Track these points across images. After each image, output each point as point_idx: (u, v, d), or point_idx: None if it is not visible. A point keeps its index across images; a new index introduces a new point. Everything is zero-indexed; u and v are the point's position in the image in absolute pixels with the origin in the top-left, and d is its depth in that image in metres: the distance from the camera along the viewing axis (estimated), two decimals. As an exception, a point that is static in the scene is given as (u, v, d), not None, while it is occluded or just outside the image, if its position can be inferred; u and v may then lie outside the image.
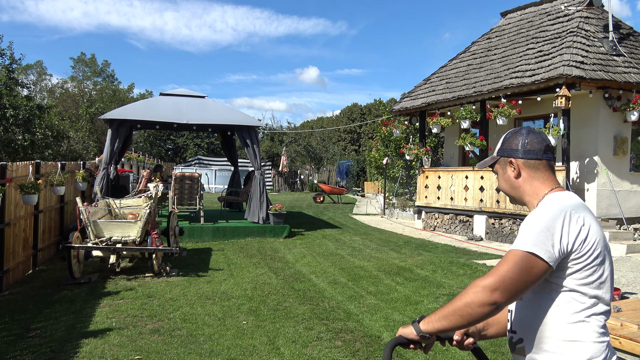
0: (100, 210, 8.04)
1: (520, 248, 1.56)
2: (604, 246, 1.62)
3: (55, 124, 20.97)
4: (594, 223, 1.63)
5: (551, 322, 1.61)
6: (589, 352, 1.58)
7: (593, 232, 1.60)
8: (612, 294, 1.66)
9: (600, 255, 1.60)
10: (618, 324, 4.83)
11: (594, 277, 1.59)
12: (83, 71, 37.59)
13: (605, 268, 1.62)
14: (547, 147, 1.78)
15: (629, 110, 10.14)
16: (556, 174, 1.75)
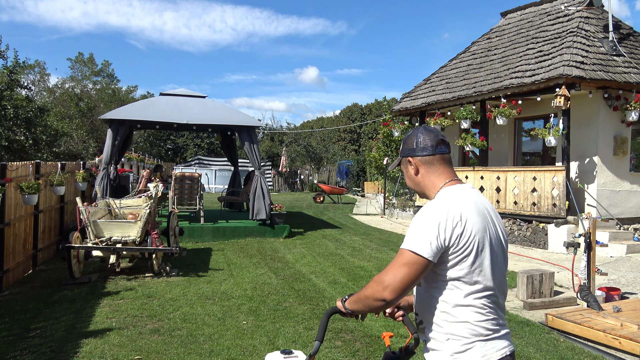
0: (100, 210, 8.04)
1: (405, 247, 1.77)
2: (482, 237, 1.78)
3: (54, 124, 20.97)
4: (472, 217, 1.78)
5: (440, 307, 1.82)
6: (471, 332, 1.77)
7: (470, 226, 1.76)
8: (501, 278, 1.84)
9: (479, 246, 1.77)
10: (618, 324, 4.83)
11: (474, 266, 1.76)
12: (82, 71, 37.59)
13: (484, 257, 1.78)
14: (439, 142, 1.93)
15: (629, 110, 10.14)
16: (449, 166, 1.96)
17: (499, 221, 1.93)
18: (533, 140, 12.32)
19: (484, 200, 1.93)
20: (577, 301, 6.11)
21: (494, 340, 1.80)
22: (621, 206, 10.58)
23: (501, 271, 1.86)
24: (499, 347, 1.80)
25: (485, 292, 1.79)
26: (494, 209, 1.97)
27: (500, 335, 1.82)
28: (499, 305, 1.83)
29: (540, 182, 10.36)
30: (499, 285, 1.84)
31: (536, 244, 10.45)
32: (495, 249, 1.83)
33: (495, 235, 1.86)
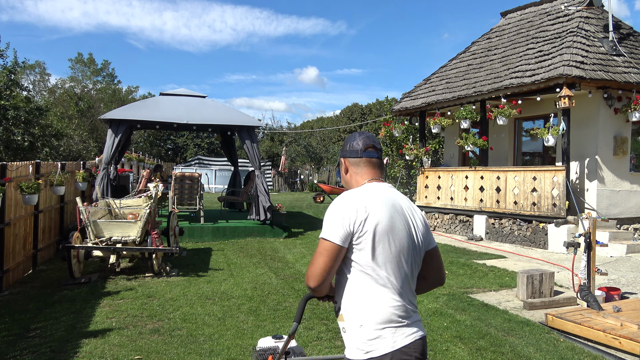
0: (100, 210, 8.04)
1: (321, 235, 1.97)
2: (385, 228, 1.94)
3: (54, 124, 20.97)
4: (377, 208, 1.95)
5: (349, 292, 1.96)
6: (381, 319, 1.91)
7: (373, 216, 1.93)
8: (406, 267, 1.98)
9: (381, 236, 1.93)
10: (618, 324, 4.83)
11: (376, 256, 1.92)
12: (82, 71, 37.58)
13: (387, 249, 1.93)
14: (368, 147, 2.15)
15: (629, 110, 10.14)
16: (375, 168, 2.16)
17: (414, 216, 2.07)
18: (533, 140, 12.32)
19: (399, 197, 2.09)
20: (577, 301, 6.11)
21: (403, 327, 1.94)
22: (621, 206, 10.58)
23: (408, 261, 1.99)
24: (408, 332, 1.94)
25: (389, 280, 1.94)
26: (411, 207, 2.11)
27: (409, 323, 1.96)
28: (404, 293, 1.97)
29: (540, 182, 10.36)
30: (404, 275, 1.98)
31: (536, 244, 10.45)
32: (400, 240, 1.97)
33: (404, 228, 2.00)
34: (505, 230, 11.26)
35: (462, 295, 6.49)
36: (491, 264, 8.53)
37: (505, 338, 4.86)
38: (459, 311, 5.75)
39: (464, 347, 4.62)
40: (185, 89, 13.14)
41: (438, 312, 5.69)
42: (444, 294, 6.51)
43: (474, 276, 7.63)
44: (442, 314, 5.62)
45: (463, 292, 6.67)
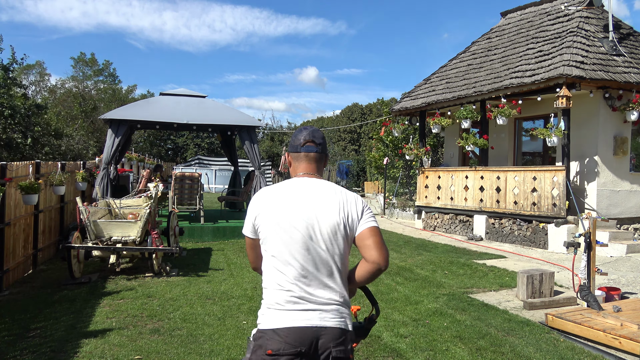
0: (100, 210, 8.04)
1: (244, 232, 2.27)
2: (277, 223, 2.10)
3: (54, 122, 20.95)
4: (277, 200, 2.14)
5: (263, 271, 2.20)
6: (271, 298, 2.11)
7: (267, 213, 2.13)
8: (302, 261, 2.09)
9: (272, 231, 2.11)
10: (618, 324, 4.83)
11: (271, 247, 2.12)
12: (83, 71, 37.58)
13: (277, 241, 2.10)
14: (307, 142, 2.29)
15: (629, 110, 10.14)
16: (311, 162, 2.30)
17: (323, 209, 2.13)
18: (533, 140, 12.32)
19: (314, 191, 2.17)
20: (577, 301, 6.11)
21: (288, 312, 2.05)
22: (621, 206, 10.58)
23: (307, 251, 2.09)
24: (291, 317, 2.04)
25: (282, 267, 2.09)
26: (329, 200, 2.15)
27: (298, 309, 2.06)
28: (300, 281, 2.07)
29: (541, 182, 10.36)
30: (299, 264, 2.08)
31: (536, 244, 10.45)
32: (295, 232, 2.09)
33: (302, 221, 2.10)
34: (505, 230, 11.25)
35: (462, 295, 6.49)
36: (491, 264, 8.52)
37: (505, 338, 4.86)
38: (459, 311, 5.75)
39: (464, 347, 4.62)
40: (185, 89, 13.14)
41: (438, 312, 5.69)
42: (444, 294, 6.51)
43: (474, 276, 7.63)
44: (442, 314, 5.62)
45: (463, 292, 6.67)
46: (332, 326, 2.06)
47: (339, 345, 2.05)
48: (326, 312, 2.07)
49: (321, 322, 2.05)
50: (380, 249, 2.15)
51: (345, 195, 2.20)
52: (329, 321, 2.06)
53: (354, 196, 2.23)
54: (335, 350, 2.04)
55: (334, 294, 2.11)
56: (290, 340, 2.01)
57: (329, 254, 2.13)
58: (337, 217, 2.14)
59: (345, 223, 2.15)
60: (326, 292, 2.10)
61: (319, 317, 2.06)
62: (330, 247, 2.14)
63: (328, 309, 2.08)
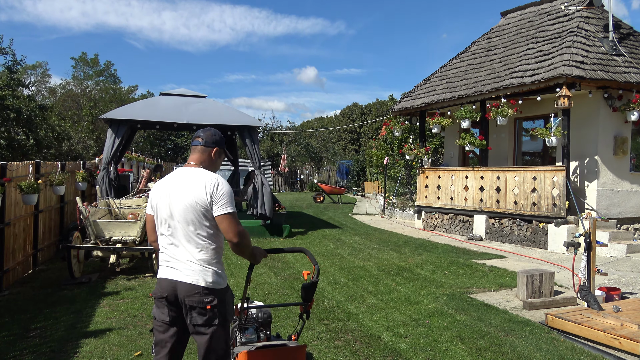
0: (100, 210, 8.04)
1: (146, 211, 2.99)
2: (156, 202, 2.83)
3: (57, 124, 20.96)
4: (157, 189, 2.88)
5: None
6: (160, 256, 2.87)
7: (154, 199, 2.86)
8: (173, 233, 2.79)
9: (155, 208, 2.85)
10: (618, 324, 4.83)
11: (157, 220, 2.85)
12: (84, 71, 37.60)
13: (159, 215, 2.82)
14: (196, 137, 2.91)
15: (629, 110, 10.13)
16: (195, 153, 2.95)
17: (185, 194, 2.75)
18: (533, 140, 12.32)
19: (181, 178, 2.81)
20: (577, 301, 6.11)
21: (164, 268, 2.80)
22: (621, 206, 10.58)
23: (174, 225, 2.76)
24: (166, 272, 2.77)
25: (160, 237, 2.84)
26: (185, 186, 2.76)
27: (165, 265, 2.80)
28: (172, 247, 2.77)
29: (540, 182, 10.36)
30: (172, 232, 2.77)
31: (536, 244, 10.45)
32: (164, 209, 2.79)
33: (167, 201, 2.79)
34: (505, 230, 11.26)
35: (462, 295, 6.49)
36: (491, 264, 8.52)
37: (505, 338, 4.86)
38: (459, 311, 5.75)
39: (464, 347, 4.62)
40: (185, 89, 13.13)
41: (438, 312, 5.69)
42: (444, 294, 6.51)
43: (474, 276, 7.63)
44: (442, 314, 5.62)
45: (463, 292, 6.67)
46: (184, 280, 2.73)
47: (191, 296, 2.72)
48: (187, 269, 2.76)
49: (181, 277, 2.75)
50: (231, 234, 2.81)
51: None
52: (186, 276, 2.75)
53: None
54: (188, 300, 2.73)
55: (190, 254, 2.78)
56: (164, 291, 2.75)
57: (187, 225, 2.79)
58: (197, 201, 2.74)
59: (202, 206, 2.76)
60: (184, 253, 2.77)
61: (179, 274, 2.77)
62: (192, 219, 2.79)
63: (187, 266, 2.76)
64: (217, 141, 2.92)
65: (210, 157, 2.90)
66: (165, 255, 2.80)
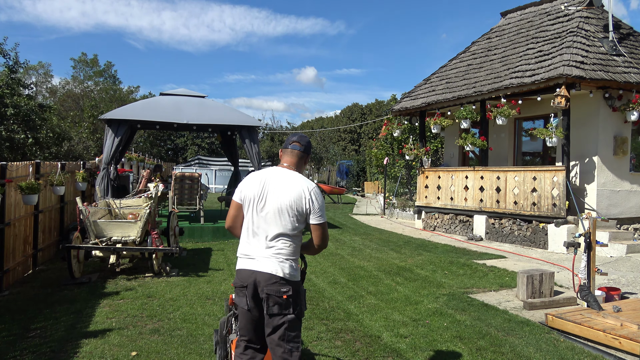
0: (100, 210, 8.04)
1: (233, 198, 3.11)
2: (249, 198, 2.99)
3: (57, 124, 20.96)
4: (251, 182, 3.02)
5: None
6: (239, 246, 3.05)
7: (246, 190, 3.01)
8: (258, 227, 2.96)
9: (247, 203, 3.00)
10: (618, 324, 4.83)
11: (246, 212, 3.01)
12: (84, 71, 37.59)
13: (249, 210, 2.99)
14: (293, 142, 3.14)
15: (629, 110, 10.13)
16: (290, 157, 3.17)
17: (286, 197, 2.92)
18: (533, 140, 12.32)
19: (279, 181, 2.98)
20: (577, 301, 6.11)
21: (245, 259, 2.96)
22: (621, 206, 10.58)
23: (261, 220, 2.94)
24: (247, 264, 2.93)
25: (246, 226, 3.00)
26: (288, 190, 2.93)
27: (245, 257, 2.96)
28: (252, 237, 2.96)
29: (540, 182, 10.36)
30: (257, 225, 2.95)
31: (536, 244, 10.45)
32: (258, 206, 2.95)
33: (266, 199, 2.95)
34: (505, 230, 11.25)
35: (462, 295, 6.49)
36: (491, 264, 8.52)
37: (505, 338, 4.86)
38: (459, 311, 5.75)
39: (464, 347, 4.62)
40: (185, 89, 13.14)
41: (438, 312, 5.69)
42: (444, 294, 6.51)
43: (474, 276, 7.63)
44: (442, 314, 5.62)
45: (463, 292, 6.67)
46: (266, 271, 2.88)
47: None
48: (267, 259, 2.92)
49: (264, 268, 2.90)
50: (321, 241, 3.04)
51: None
52: (268, 267, 2.90)
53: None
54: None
55: (272, 246, 2.97)
56: (245, 282, 2.92)
57: (279, 221, 2.95)
58: (294, 201, 2.92)
59: (298, 208, 2.95)
60: (268, 245, 2.94)
61: (265, 264, 2.93)
62: (285, 217, 2.95)
63: (268, 256, 2.95)
64: (310, 149, 3.22)
65: (303, 163, 3.16)
66: (248, 246, 2.96)
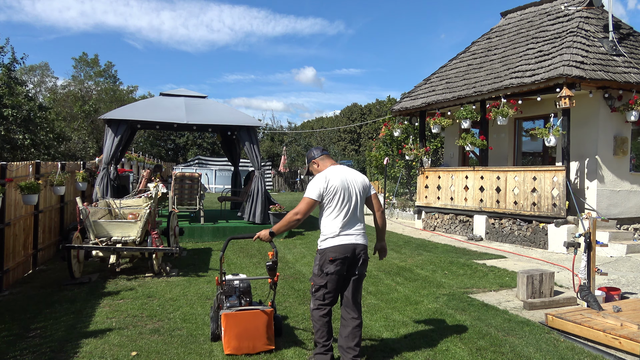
0: (100, 210, 8.04)
1: (306, 195, 4.03)
2: (337, 189, 4.01)
3: (56, 124, 20.96)
4: (333, 178, 4.04)
5: (322, 220, 4.12)
6: (329, 230, 4.02)
7: (331, 183, 4.01)
8: (348, 211, 4.03)
9: (336, 192, 4.00)
10: (618, 324, 4.83)
11: (333, 201, 4.02)
12: (85, 71, 37.59)
13: (339, 198, 4.01)
14: (323, 149, 4.37)
15: (629, 110, 10.13)
16: (331, 159, 4.40)
17: (358, 183, 4.13)
18: (533, 140, 12.31)
19: (348, 173, 4.16)
20: (577, 301, 6.11)
21: (340, 237, 3.99)
22: (621, 206, 10.58)
23: (350, 206, 4.04)
24: (343, 240, 3.99)
25: (338, 213, 4.02)
26: (356, 178, 4.16)
27: (345, 234, 4.00)
28: (347, 221, 4.01)
29: (540, 182, 10.36)
30: (348, 212, 4.02)
31: (536, 244, 10.45)
32: (346, 195, 4.03)
33: (349, 189, 4.06)
34: (505, 230, 11.25)
35: (462, 295, 6.49)
36: (491, 264, 8.52)
37: (505, 338, 4.86)
38: (459, 311, 5.75)
39: (464, 347, 4.62)
40: (185, 89, 13.15)
41: (438, 312, 5.69)
42: (445, 294, 6.51)
43: (474, 276, 7.63)
44: (442, 314, 5.62)
45: (463, 292, 6.67)
46: (363, 242, 4.15)
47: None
48: (361, 234, 4.12)
49: (361, 240, 4.11)
50: (380, 204, 4.31)
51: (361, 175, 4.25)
52: (363, 239, 4.13)
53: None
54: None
55: (361, 223, 4.15)
56: (348, 254, 3.99)
57: (361, 203, 4.16)
58: (363, 186, 4.17)
59: (365, 189, 4.20)
60: (359, 222, 4.12)
61: (360, 238, 4.10)
62: (362, 199, 4.18)
63: (361, 232, 4.14)
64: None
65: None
66: (341, 226, 4.01)
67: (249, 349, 4.33)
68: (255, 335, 4.35)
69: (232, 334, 4.31)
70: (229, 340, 4.32)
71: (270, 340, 4.42)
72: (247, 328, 4.33)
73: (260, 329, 4.36)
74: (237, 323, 4.33)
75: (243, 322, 4.34)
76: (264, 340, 4.37)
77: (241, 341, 4.32)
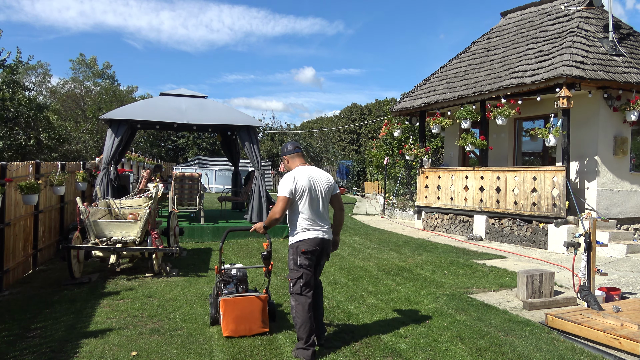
0: (100, 210, 8.04)
1: (280, 194, 4.36)
2: (305, 188, 4.36)
3: (57, 125, 20.93)
4: (301, 179, 4.37)
5: (291, 217, 4.49)
6: (299, 226, 4.40)
7: (300, 183, 4.35)
8: (315, 209, 4.43)
9: (305, 193, 4.36)
10: (618, 324, 4.83)
11: (302, 201, 4.37)
12: (83, 72, 37.58)
13: (306, 197, 4.37)
14: (295, 147, 4.64)
15: (629, 110, 10.13)
16: (301, 157, 4.75)
17: (323, 183, 4.49)
18: (533, 140, 12.32)
19: (314, 172, 4.49)
20: (577, 301, 6.11)
21: (309, 231, 4.38)
22: (621, 206, 10.58)
23: (317, 204, 4.43)
24: (312, 234, 4.39)
25: (306, 211, 4.38)
26: (322, 177, 4.52)
27: (314, 229, 4.39)
28: (314, 218, 4.40)
29: (540, 182, 10.36)
30: (315, 209, 4.41)
31: (536, 244, 10.45)
32: (313, 194, 4.40)
33: (315, 189, 4.42)
34: (505, 231, 11.25)
35: (462, 295, 6.49)
36: (491, 264, 8.52)
37: (505, 338, 4.86)
38: (459, 311, 5.75)
39: (464, 347, 4.62)
40: (185, 89, 13.13)
41: (438, 312, 5.69)
42: (445, 294, 6.51)
43: (474, 276, 7.63)
44: (442, 314, 5.62)
45: (463, 292, 6.66)
46: (326, 237, 4.52)
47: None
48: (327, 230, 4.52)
49: (325, 235, 4.48)
50: (342, 203, 4.74)
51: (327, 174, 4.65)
52: (327, 234, 4.51)
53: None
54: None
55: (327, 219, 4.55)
56: (316, 246, 4.39)
57: (326, 202, 4.54)
58: (327, 185, 4.52)
59: (330, 188, 4.55)
60: (324, 218, 4.52)
61: (325, 232, 4.50)
62: (327, 198, 4.55)
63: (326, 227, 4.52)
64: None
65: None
66: (310, 222, 4.40)
67: (245, 331, 4.77)
68: (251, 318, 4.80)
69: (230, 318, 4.74)
70: (227, 324, 4.74)
71: (265, 324, 4.87)
72: (243, 312, 4.77)
73: (255, 313, 4.81)
74: (235, 308, 4.75)
75: (240, 307, 4.77)
76: (259, 324, 4.83)
77: (238, 324, 4.75)
